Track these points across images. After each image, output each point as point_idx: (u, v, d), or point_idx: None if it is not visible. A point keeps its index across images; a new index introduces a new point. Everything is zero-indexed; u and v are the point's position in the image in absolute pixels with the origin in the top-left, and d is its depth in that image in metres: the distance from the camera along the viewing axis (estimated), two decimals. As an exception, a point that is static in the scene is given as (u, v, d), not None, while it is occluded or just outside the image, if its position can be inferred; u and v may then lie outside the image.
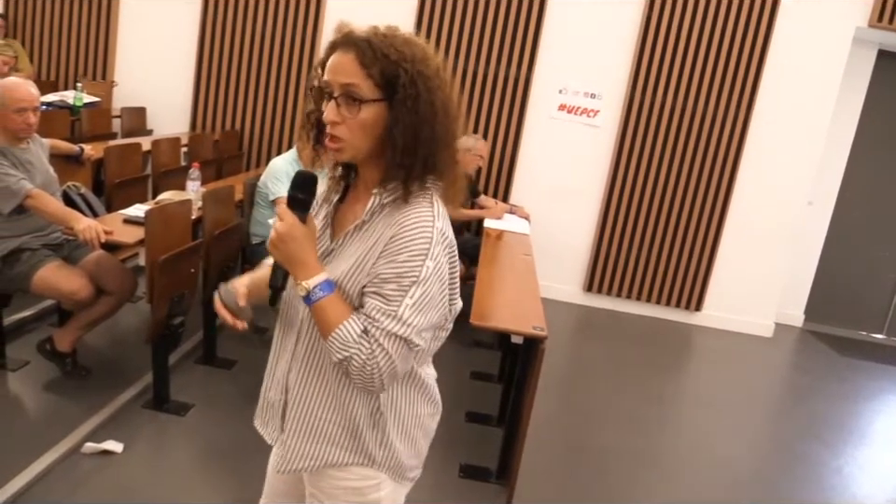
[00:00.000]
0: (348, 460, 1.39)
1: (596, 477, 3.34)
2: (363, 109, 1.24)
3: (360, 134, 1.26)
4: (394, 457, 1.41)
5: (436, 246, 1.25)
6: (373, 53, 1.23)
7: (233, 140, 5.84)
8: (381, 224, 1.29)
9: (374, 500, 1.42)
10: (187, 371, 3.62)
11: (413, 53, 1.24)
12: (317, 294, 1.25)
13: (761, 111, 5.52)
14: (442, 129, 1.26)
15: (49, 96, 5.21)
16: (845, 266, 6.26)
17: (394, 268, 1.24)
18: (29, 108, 3.08)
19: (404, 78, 1.22)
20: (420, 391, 1.44)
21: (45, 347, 3.27)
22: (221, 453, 3.02)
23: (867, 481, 3.80)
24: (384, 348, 1.23)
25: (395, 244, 1.24)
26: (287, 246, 1.26)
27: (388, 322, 1.23)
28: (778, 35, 5.40)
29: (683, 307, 5.89)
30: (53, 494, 2.53)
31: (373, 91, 1.23)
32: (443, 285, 1.28)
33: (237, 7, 5.70)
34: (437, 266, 1.25)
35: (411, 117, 1.23)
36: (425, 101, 1.23)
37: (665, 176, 5.67)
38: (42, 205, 3.05)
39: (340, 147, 1.28)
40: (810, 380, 5.28)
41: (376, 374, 1.24)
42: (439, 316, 1.29)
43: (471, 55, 5.58)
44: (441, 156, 1.28)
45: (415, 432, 1.44)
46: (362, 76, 1.23)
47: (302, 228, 1.27)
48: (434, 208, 1.28)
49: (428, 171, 1.28)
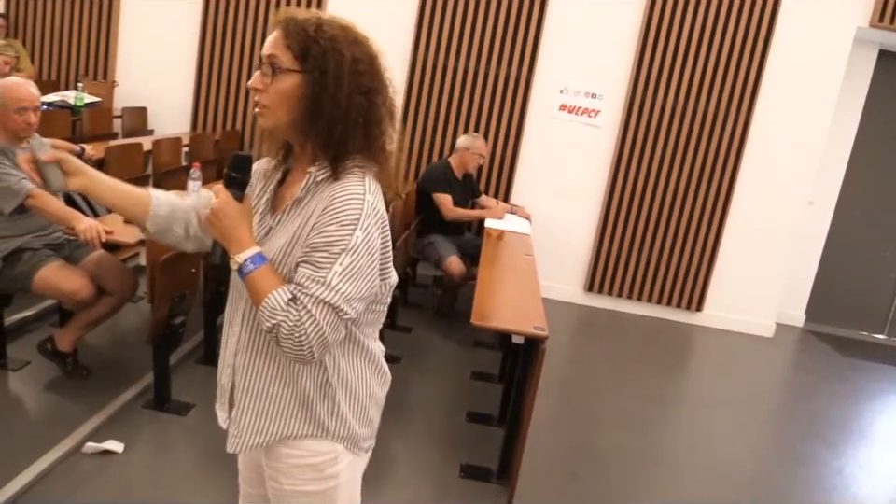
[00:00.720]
0: (302, 431, 1.41)
1: (597, 477, 3.34)
2: (279, 77, 1.31)
3: (279, 102, 1.32)
4: (347, 427, 1.43)
5: (366, 218, 1.29)
6: (294, 28, 1.31)
7: (234, 140, 5.84)
8: (315, 199, 1.34)
9: (332, 474, 1.44)
10: (188, 370, 3.62)
11: (335, 34, 1.31)
12: (248, 267, 1.30)
13: (761, 111, 5.52)
14: (355, 110, 1.31)
15: (50, 96, 5.21)
16: (846, 266, 6.25)
17: (324, 237, 1.28)
18: (30, 108, 3.09)
19: (316, 51, 1.29)
20: (368, 362, 1.46)
21: (46, 347, 3.27)
22: (222, 453, 2.99)
23: (868, 481, 3.80)
24: (311, 314, 1.26)
25: (325, 215, 1.29)
26: (222, 222, 1.33)
27: (316, 288, 1.26)
28: (779, 36, 5.40)
29: (684, 307, 5.89)
30: (54, 493, 2.53)
31: (291, 63, 1.30)
32: (372, 256, 1.31)
33: (238, 7, 5.70)
34: (366, 237, 1.28)
35: (316, 88, 1.30)
36: (333, 76, 1.29)
37: (665, 176, 5.67)
38: (43, 205, 3.05)
39: (262, 113, 1.34)
40: (811, 380, 5.28)
41: (304, 341, 1.26)
42: (368, 287, 1.31)
43: (472, 55, 5.58)
44: (354, 135, 1.33)
45: (367, 401, 1.47)
46: (282, 47, 1.31)
47: (237, 205, 1.34)
48: (364, 183, 1.32)
49: (343, 147, 1.32)
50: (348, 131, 1.32)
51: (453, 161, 5.04)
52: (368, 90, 1.33)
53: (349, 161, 1.33)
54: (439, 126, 5.73)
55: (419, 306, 5.13)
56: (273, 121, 1.35)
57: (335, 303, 1.26)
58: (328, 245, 1.27)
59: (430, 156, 5.76)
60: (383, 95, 1.36)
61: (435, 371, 4.12)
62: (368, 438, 1.50)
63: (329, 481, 1.45)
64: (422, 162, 5.74)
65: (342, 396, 1.42)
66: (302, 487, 1.45)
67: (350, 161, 1.33)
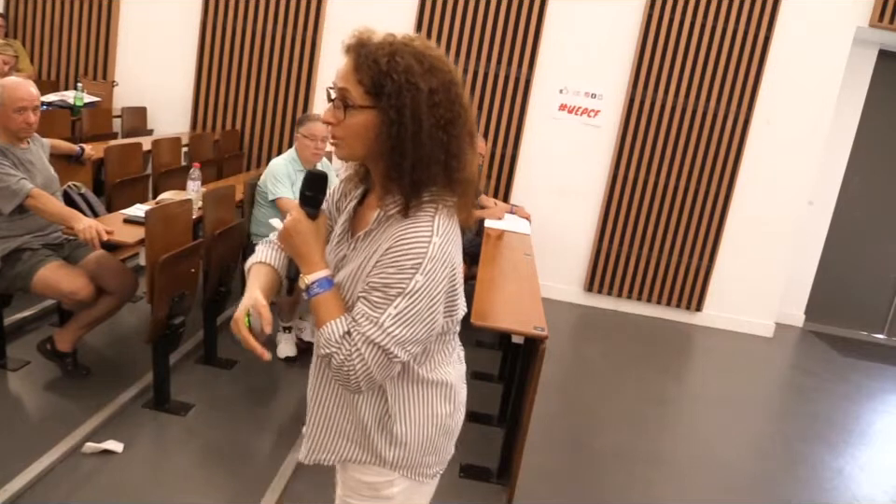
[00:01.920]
0: (360, 457, 1.45)
1: (597, 477, 3.34)
2: (350, 114, 1.26)
3: (353, 138, 1.28)
4: (407, 457, 1.44)
5: (430, 262, 1.25)
6: (366, 60, 1.23)
7: (234, 140, 5.84)
8: (383, 235, 1.31)
9: (386, 496, 1.46)
10: (187, 370, 3.62)
11: (410, 66, 1.23)
12: (315, 290, 1.31)
13: (761, 111, 5.52)
14: (437, 148, 1.25)
15: (50, 96, 5.21)
16: (845, 266, 6.25)
17: (382, 278, 1.26)
18: (29, 108, 3.08)
19: (390, 87, 1.22)
20: (436, 390, 1.44)
21: (45, 347, 3.27)
22: (221, 453, 3.02)
23: (868, 481, 3.80)
24: (361, 354, 1.25)
25: (387, 255, 1.26)
26: (293, 240, 1.33)
27: (369, 327, 1.25)
28: (779, 35, 5.40)
29: (684, 307, 5.89)
30: (54, 493, 2.53)
31: (362, 98, 1.24)
32: (433, 300, 1.27)
33: (237, 7, 5.70)
34: (427, 281, 1.25)
35: (394, 128, 1.23)
36: (411, 113, 1.22)
37: (665, 176, 5.67)
38: (43, 205, 3.04)
39: (337, 145, 1.31)
40: (811, 380, 5.28)
41: (352, 376, 1.27)
42: (425, 330, 1.29)
43: (472, 55, 5.58)
44: (432, 169, 1.27)
45: (431, 431, 1.45)
46: (353, 82, 1.25)
47: (308, 224, 1.33)
48: (434, 224, 1.27)
49: (421, 185, 1.27)
50: (430, 170, 1.26)
51: None
52: (447, 122, 1.26)
53: (424, 195, 1.28)
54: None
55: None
56: (349, 154, 1.31)
57: (385, 346, 1.25)
58: (385, 286, 1.25)
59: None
60: (462, 121, 1.28)
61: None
62: (432, 465, 1.49)
63: (383, 501, 1.47)
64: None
65: (400, 427, 1.41)
66: (358, 502, 1.49)
67: (426, 195, 1.28)
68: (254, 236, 3.97)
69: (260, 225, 3.92)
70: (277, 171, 3.86)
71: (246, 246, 3.99)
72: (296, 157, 3.97)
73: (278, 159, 3.97)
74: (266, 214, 3.91)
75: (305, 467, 2.96)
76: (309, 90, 5.78)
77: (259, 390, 3.59)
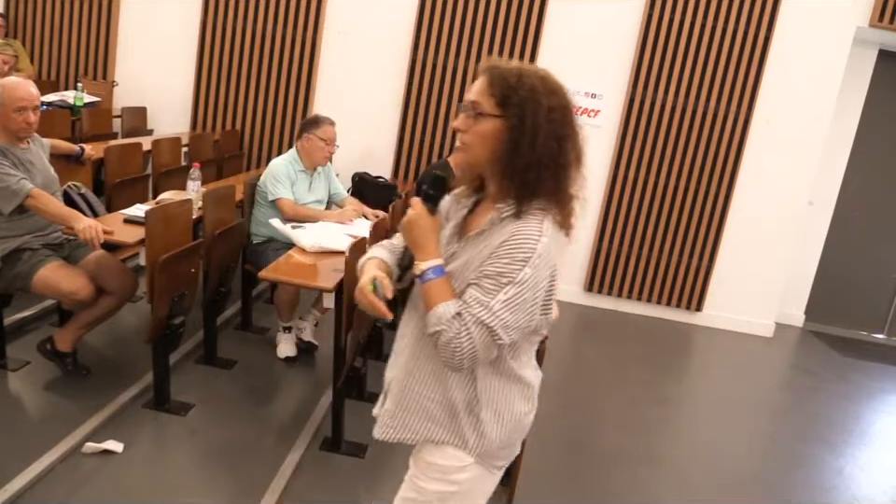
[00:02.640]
0: (444, 438, 1.56)
1: (597, 477, 3.34)
2: (481, 121, 1.46)
3: (479, 143, 1.47)
4: (485, 444, 1.55)
5: (538, 258, 1.41)
6: (498, 77, 1.46)
7: (234, 140, 5.84)
8: (496, 234, 1.46)
9: (454, 481, 1.57)
10: (187, 370, 3.62)
11: (534, 85, 1.45)
12: (429, 276, 1.46)
13: (761, 111, 5.52)
14: (548, 156, 1.44)
15: (50, 96, 5.21)
16: (845, 266, 6.25)
17: (496, 267, 1.41)
18: (29, 107, 3.08)
19: (515, 99, 1.43)
20: (518, 387, 1.58)
21: (45, 347, 3.27)
22: (221, 452, 3.02)
23: (868, 481, 3.80)
24: (470, 333, 1.40)
25: (502, 248, 1.42)
26: (414, 231, 1.50)
27: (479, 309, 1.40)
28: (779, 35, 5.40)
29: (684, 307, 5.89)
30: (54, 493, 2.53)
31: (493, 108, 1.45)
32: (536, 293, 1.43)
33: (237, 7, 5.70)
34: (534, 274, 1.41)
35: (515, 133, 1.43)
36: (531, 123, 1.43)
37: (665, 176, 5.67)
38: (43, 205, 3.04)
39: (463, 149, 1.51)
40: (811, 380, 5.28)
41: (457, 353, 1.40)
42: (527, 319, 1.44)
43: (472, 55, 5.58)
44: (544, 178, 1.45)
45: (511, 425, 1.57)
46: (486, 95, 1.46)
47: (428, 218, 1.51)
48: (543, 226, 1.44)
49: (534, 190, 1.45)
50: (541, 174, 1.44)
51: (452, 161, 5.02)
52: (560, 136, 1.46)
53: (535, 202, 1.45)
54: (439, 126, 5.73)
55: (419, 306, 5.13)
56: (472, 158, 1.50)
57: (492, 326, 1.39)
58: (498, 274, 1.41)
59: (430, 156, 5.76)
60: (573, 142, 1.49)
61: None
62: (502, 458, 1.61)
63: (449, 485, 1.58)
64: (422, 162, 5.74)
65: (486, 414, 1.54)
66: (424, 483, 1.60)
67: (536, 202, 1.45)
68: (254, 236, 3.97)
69: (260, 225, 3.92)
70: (278, 171, 3.87)
71: (246, 246, 3.99)
72: (297, 157, 3.97)
73: (278, 159, 3.98)
74: (266, 214, 3.91)
75: (305, 467, 2.97)
76: (309, 90, 5.78)
77: (259, 390, 3.59)
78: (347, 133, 5.74)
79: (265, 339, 4.15)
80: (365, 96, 5.74)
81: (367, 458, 3.10)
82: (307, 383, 3.78)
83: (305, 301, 4.03)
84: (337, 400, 3.10)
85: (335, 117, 4.06)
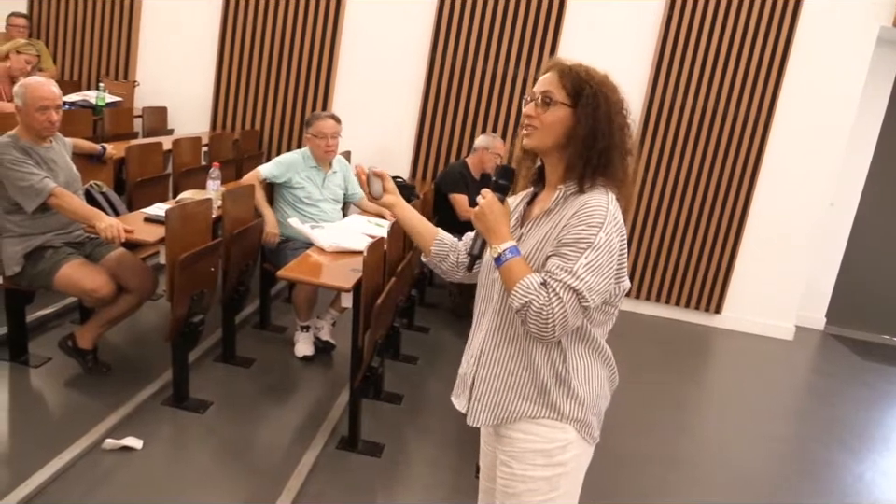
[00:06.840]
0: (536, 412, 1.60)
1: (612, 479, 3.31)
2: (552, 109, 1.58)
3: (547, 127, 1.58)
4: (582, 411, 1.61)
5: (609, 223, 1.50)
6: (569, 70, 1.61)
7: (253, 139, 5.87)
8: (564, 210, 1.57)
9: (561, 461, 1.61)
10: (206, 368, 3.65)
11: (602, 80, 1.61)
12: (506, 256, 1.53)
13: (782, 112, 5.46)
14: (616, 139, 1.57)
15: (72, 96, 5.26)
16: (867, 268, 6.17)
17: (573, 235, 1.50)
18: (51, 107, 3.12)
19: (588, 91, 1.57)
20: (601, 357, 1.65)
21: (66, 344, 3.30)
22: (239, 450, 3.04)
23: (890, 487, 3.75)
24: (559, 297, 1.45)
25: (575, 218, 1.51)
26: (487, 218, 1.57)
27: (565, 275, 1.46)
28: (801, 35, 5.34)
29: (703, 309, 5.84)
30: (74, 489, 2.56)
31: (564, 98, 1.58)
32: (611, 256, 1.50)
33: (258, 7, 5.73)
34: (608, 238, 1.49)
35: (591, 121, 1.55)
36: (604, 112, 1.56)
37: (685, 177, 5.63)
38: (65, 204, 3.08)
39: (529, 134, 1.60)
40: (831, 384, 5.22)
41: (550, 319, 1.45)
42: (606, 282, 1.51)
43: (490, 56, 5.57)
44: (613, 158, 1.56)
45: (598, 390, 1.64)
46: (558, 85, 1.59)
47: (499, 205, 1.59)
48: (608, 197, 1.55)
49: (602, 169, 1.56)
50: (612, 157, 1.57)
51: (470, 162, 5.03)
52: (623, 126, 1.59)
53: (598, 180, 1.56)
54: (457, 126, 5.73)
55: (436, 307, 5.14)
56: (537, 142, 1.60)
57: (579, 290, 1.46)
58: (576, 241, 1.49)
59: (448, 156, 5.76)
60: (629, 135, 1.62)
61: (452, 372, 4.09)
62: (595, 427, 1.67)
63: (556, 468, 1.61)
64: (440, 163, 5.74)
65: (577, 381, 1.60)
66: (531, 472, 1.61)
67: (598, 180, 1.56)
68: (272, 235, 3.99)
69: (279, 225, 3.94)
70: (283, 156, 4.12)
71: (265, 246, 4.01)
72: (310, 155, 4.06)
73: (294, 152, 4.14)
74: (285, 214, 3.93)
75: (321, 466, 2.98)
76: (328, 90, 5.80)
77: (277, 389, 3.61)
78: (365, 133, 5.75)
79: (283, 338, 4.17)
80: (383, 96, 5.75)
81: (383, 458, 3.11)
82: (324, 382, 3.79)
83: (323, 300, 4.04)
84: (354, 400, 3.11)
85: (353, 117, 4.10)
